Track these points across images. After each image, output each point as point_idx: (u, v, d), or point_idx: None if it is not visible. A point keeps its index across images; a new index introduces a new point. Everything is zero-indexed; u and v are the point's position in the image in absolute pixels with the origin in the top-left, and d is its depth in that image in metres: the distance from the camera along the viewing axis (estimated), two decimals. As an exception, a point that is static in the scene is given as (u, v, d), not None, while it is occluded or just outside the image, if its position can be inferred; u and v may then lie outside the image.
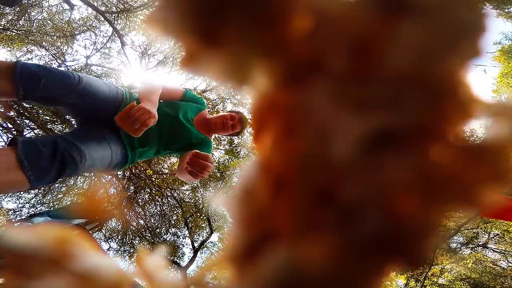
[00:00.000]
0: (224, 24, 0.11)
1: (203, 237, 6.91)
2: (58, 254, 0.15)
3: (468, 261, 7.73)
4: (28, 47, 5.40)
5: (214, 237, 7.28)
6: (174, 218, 6.46)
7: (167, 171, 6.30)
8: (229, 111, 1.64)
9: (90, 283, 0.15)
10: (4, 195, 5.07)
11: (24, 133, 4.55)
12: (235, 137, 6.76)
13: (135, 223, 6.09)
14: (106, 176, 5.87)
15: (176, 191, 6.37)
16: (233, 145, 6.67)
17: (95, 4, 5.81)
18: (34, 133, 4.79)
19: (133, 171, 5.87)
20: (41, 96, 1.02)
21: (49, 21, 5.89)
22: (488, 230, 7.44)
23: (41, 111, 4.41)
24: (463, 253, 7.81)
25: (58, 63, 5.56)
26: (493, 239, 7.62)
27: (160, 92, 1.29)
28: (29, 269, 0.13)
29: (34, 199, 5.34)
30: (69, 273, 0.14)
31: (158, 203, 6.17)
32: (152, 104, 1.13)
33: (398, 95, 0.09)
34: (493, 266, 7.92)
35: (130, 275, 0.17)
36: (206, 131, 1.48)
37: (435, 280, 8.11)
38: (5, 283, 0.14)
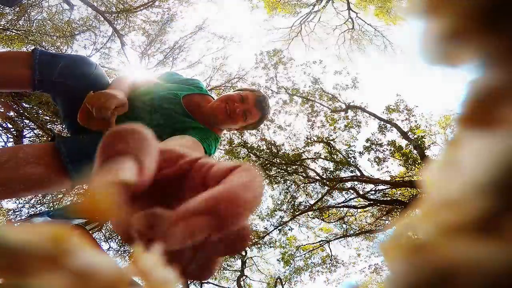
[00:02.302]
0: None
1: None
2: (55, 252, 0.15)
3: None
4: (28, 47, 5.40)
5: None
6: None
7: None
8: (238, 90, 1.14)
9: (87, 281, 0.15)
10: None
11: (24, 133, 4.54)
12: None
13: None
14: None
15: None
16: (233, 145, 6.67)
17: (95, 4, 5.80)
18: (34, 133, 4.79)
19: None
20: (57, 83, 0.98)
21: (49, 21, 5.89)
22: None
23: (40, 111, 4.41)
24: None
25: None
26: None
27: (129, 83, 1.10)
28: (26, 267, 0.13)
29: (33, 199, 5.34)
30: (66, 271, 0.14)
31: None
32: (114, 90, 0.96)
33: None
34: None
35: (128, 274, 0.17)
36: (204, 122, 1.09)
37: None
38: (3, 282, 0.14)
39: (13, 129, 4.37)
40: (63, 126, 4.75)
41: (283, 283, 7.89)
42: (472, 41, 0.13)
